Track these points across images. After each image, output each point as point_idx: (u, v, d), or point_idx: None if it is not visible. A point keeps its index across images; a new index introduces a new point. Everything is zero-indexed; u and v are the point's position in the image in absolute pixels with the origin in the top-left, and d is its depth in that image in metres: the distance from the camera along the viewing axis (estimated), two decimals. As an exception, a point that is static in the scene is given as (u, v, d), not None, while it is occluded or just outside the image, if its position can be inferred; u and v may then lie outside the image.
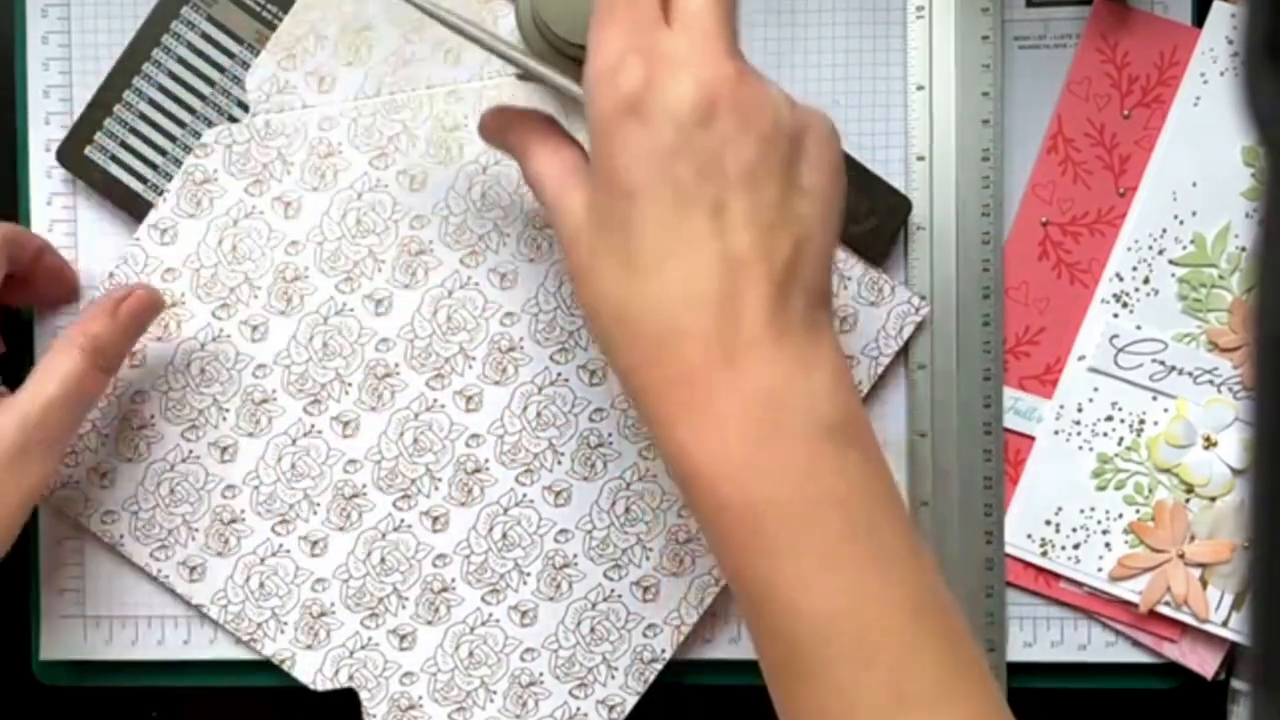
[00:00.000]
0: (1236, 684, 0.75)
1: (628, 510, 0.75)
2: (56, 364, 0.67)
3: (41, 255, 0.72)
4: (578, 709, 0.75)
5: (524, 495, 0.75)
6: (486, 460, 0.74)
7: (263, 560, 0.75)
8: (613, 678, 0.75)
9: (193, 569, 0.74)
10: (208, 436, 0.74)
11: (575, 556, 0.75)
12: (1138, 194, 0.73)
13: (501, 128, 0.65)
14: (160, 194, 0.74)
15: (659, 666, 0.75)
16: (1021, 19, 0.74)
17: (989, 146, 0.73)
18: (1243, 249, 0.73)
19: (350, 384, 0.74)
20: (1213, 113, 0.73)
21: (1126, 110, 0.73)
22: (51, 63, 0.75)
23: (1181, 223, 0.73)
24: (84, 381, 0.67)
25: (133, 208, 0.74)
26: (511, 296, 0.74)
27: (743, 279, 0.56)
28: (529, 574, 0.75)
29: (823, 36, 0.74)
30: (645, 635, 0.75)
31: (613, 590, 0.75)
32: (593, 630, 0.75)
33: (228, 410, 0.74)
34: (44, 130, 0.75)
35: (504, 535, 0.75)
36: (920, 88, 0.73)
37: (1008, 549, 0.74)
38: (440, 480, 0.74)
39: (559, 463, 0.74)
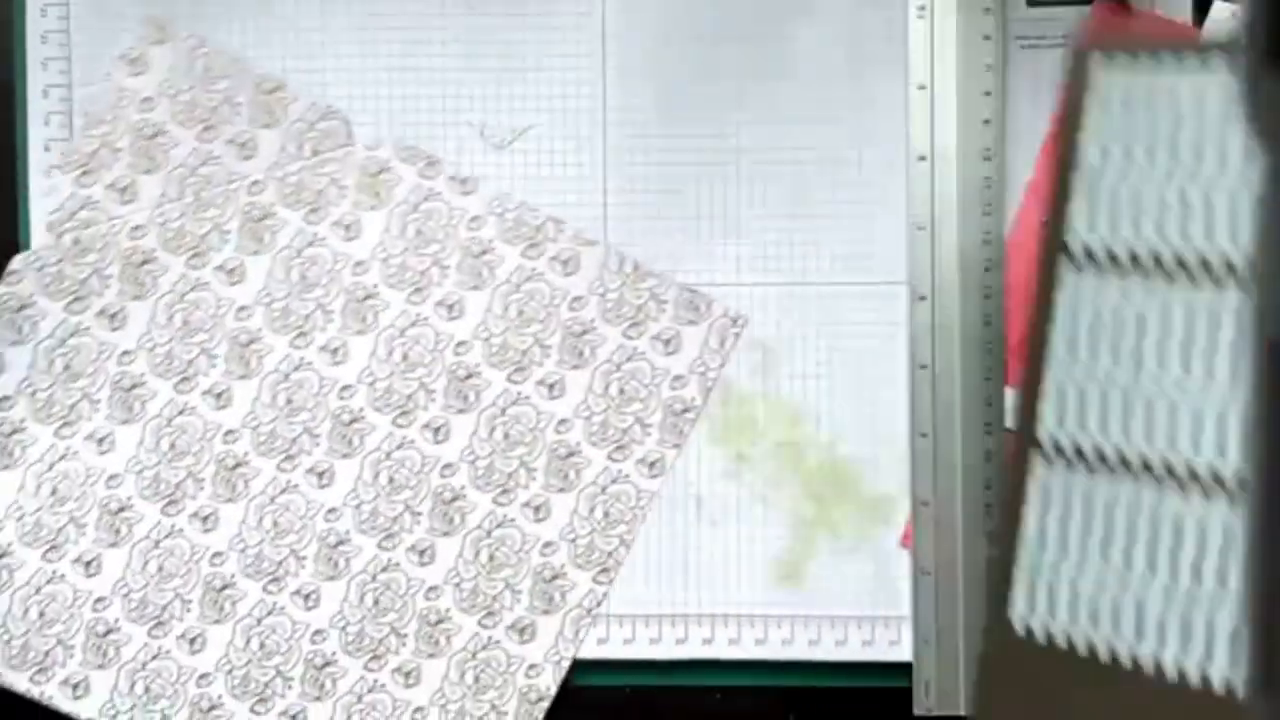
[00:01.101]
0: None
1: (492, 557, 0.75)
2: None
3: None
4: None
5: (389, 560, 0.75)
6: (347, 531, 0.75)
7: (144, 665, 0.75)
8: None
9: (75, 686, 0.75)
10: (70, 554, 0.75)
11: (448, 611, 0.75)
12: None
13: None
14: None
15: (545, 705, 0.75)
16: (1023, 19, 0.74)
17: (990, 146, 0.73)
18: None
19: (203, 479, 0.75)
20: None
21: None
22: (51, 63, 0.76)
23: None
24: None
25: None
26: (346, 370, 0.75)
27: None
28: (406, 635, 0.75)
29: (824, 36, 0.74)
30: (528, 676, 0.75)
31: (490, 637, 0.75)
32: (477, 679, 0.75)
33: (86, 525, 0.75)
34: (44, 130, 0.76)
35: (376, 601, 0.75)
36: (922, 87, 0.73)
37: None
38: (305, 558, 0.75)
39: (421, 520, 0.75)
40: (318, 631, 0.75)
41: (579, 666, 0.76)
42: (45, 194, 0.76)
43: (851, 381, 0.75)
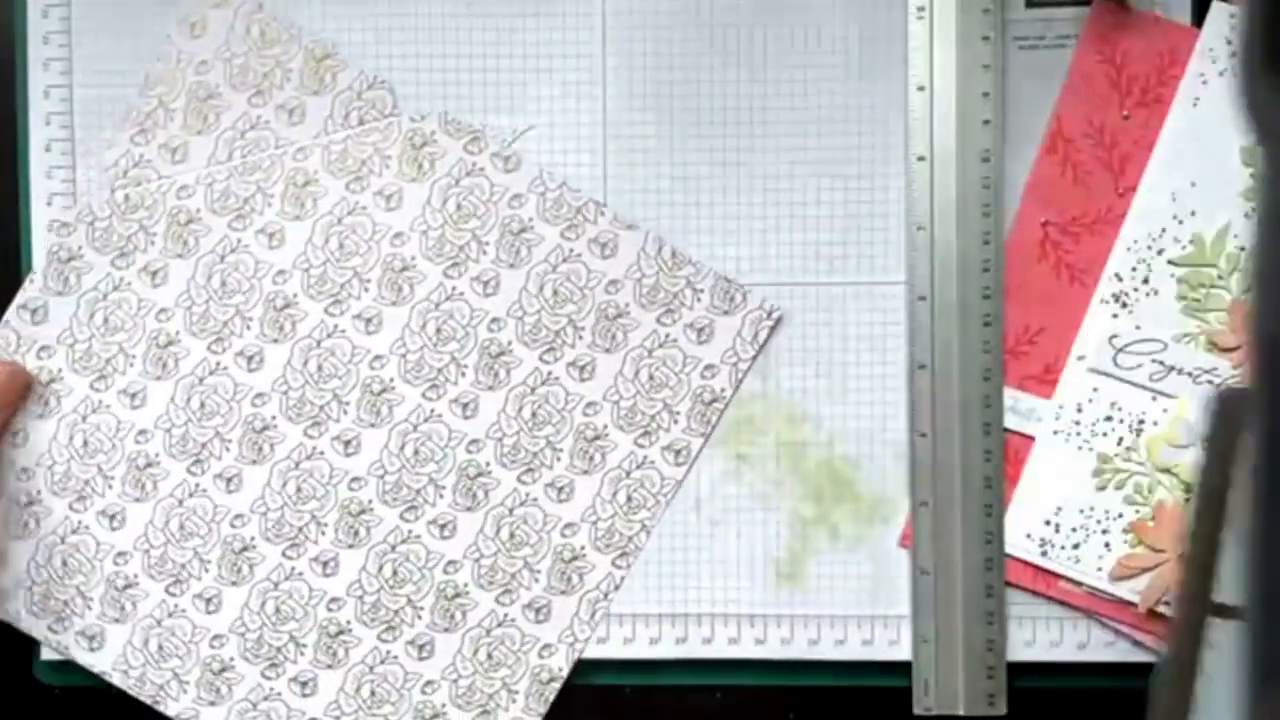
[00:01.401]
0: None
1: (513, 535, 0.75)
2: None
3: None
4: None
5: (410, 531, 0.75)
6: (370, 501, 0.75)
7: (159, 622, 0.75)
8: (514, 701, 0.75)
9: (91, 638, 0.75)
10: (95, 506, 0.76)
11: (465, 586, 0.75)
12: (1137, 194, 0.73)
13: None
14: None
15: (557, 686, 0.75)
16: (1021, 19, 0.74)
17: (989, 147, 0.73)
18: (1242, 249, 0.72)
19: (230, 441, 0.75)
20: (1212, 113, 0.72)
21: (1126, 110, 0.73)
22: (52, 63, 0.76)
23: (1181, 223, 0.72)
24: None
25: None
26: (379, 340, 0.75)
27: None
28: (422, 608, 0.75)
29: (823, 36, 0.74)
30: (541, 656, 0.75)
31: (506, 615, 0.75)
32: (490, 656, 0.75)
33: (113, 478, 0.76)
34: (44, 130, 0.76)
35: (394, 572, 0.75)
36: (921, 88, 0.73)
37: (1007, 549, 0.73)
38: (326, 525, 0.75)
39: (444, 494, 0.75)
40: (334, 599, 0.75)
41: (579, 666, 0.75)
42: (106, 160, 0.76)
43: (851, 381, 0.75)
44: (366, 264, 0.75)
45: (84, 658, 0.76)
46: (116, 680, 0.75)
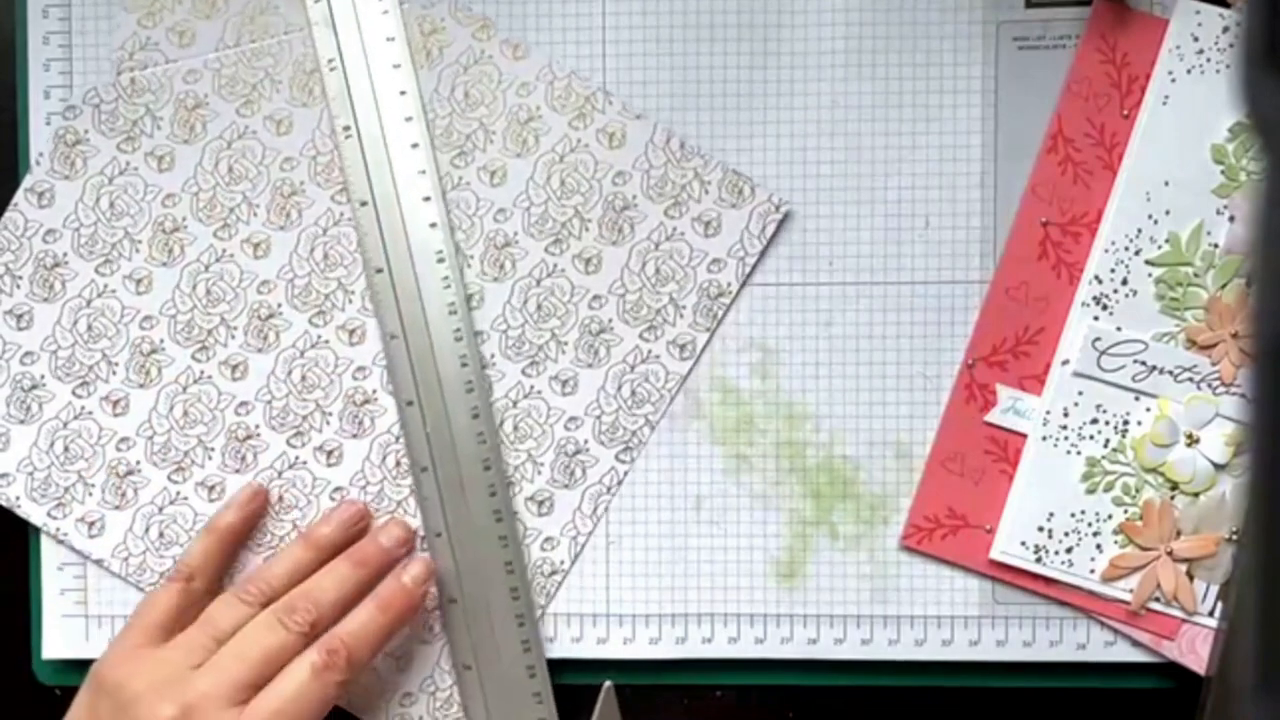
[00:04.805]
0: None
1: (516, 428, 0.75)
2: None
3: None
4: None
5: (396, 430, 0.75)
6: (374, 391, 0.75)
7: (161, 509, 0.75)
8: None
9: (91, 524, 0.75)
10: (99, 391, 0.75)
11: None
12: (1113, 195, 0.73)
13: None
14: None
15: (559, 579, 0.75)
16: (1021, 19, 0.73)
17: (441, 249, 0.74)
18: (1215, 246, 0.72)
19: (235, 328, 0.75)
20: (1181, 111, 0.72)
21: (1126, 110, 0.73)
22: (52, 63, 0.76)
23: (1156, 222, 0.72)
24: None
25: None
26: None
27: None
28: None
29: (822, 34, 0.74)
30: (543, 549, 0.74)
31: (509, 508, 0.75)
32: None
33: (117, 364, 0.75)
34: (44, 130, 0.76)
35: (397, 464, 0.75)
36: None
37: (1004, 557, 0.73)
38: (330, 415, 0.75)
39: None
40: (338, 489, 0.75)
41: (579, 666, 0.75)
42: (114, 42, 0.76)
43: (851, 381, 0.74)
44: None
45: (82, 544, 0.75)
46: (115, 568, 0.75)
